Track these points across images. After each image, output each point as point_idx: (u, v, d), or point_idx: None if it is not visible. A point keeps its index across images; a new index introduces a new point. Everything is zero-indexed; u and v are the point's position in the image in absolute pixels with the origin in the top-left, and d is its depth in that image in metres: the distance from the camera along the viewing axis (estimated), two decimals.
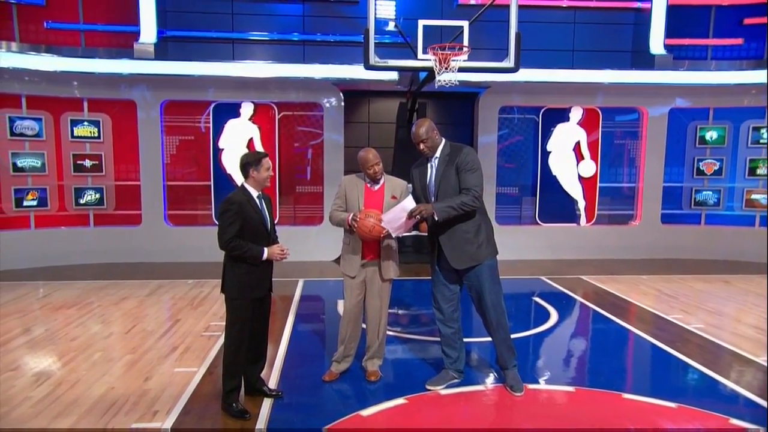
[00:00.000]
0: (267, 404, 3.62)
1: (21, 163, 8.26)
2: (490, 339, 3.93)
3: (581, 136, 9.60)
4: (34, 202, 8.41)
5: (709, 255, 9.49)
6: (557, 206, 9.66)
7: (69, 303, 6.24)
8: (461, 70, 6.12)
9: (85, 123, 8.63)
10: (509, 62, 6.39)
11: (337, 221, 3.86)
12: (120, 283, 7.25)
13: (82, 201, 8.73)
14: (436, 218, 3.54)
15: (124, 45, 8.73)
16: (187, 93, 8.87)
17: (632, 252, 9.56)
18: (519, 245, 9.42)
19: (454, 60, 6.03)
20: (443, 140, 3.75)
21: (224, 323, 3.51)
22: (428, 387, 3.88)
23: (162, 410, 3.51)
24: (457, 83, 6.07)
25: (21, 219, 8.42)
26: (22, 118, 8.21)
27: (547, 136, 9.58)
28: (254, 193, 3.50)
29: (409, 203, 3.59)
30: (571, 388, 3.93)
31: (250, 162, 3.47)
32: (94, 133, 8.69)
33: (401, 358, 4.62)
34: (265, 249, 3.44)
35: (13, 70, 7.88)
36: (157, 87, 8.75)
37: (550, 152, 9.60)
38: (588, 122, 9.60)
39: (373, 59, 6.22)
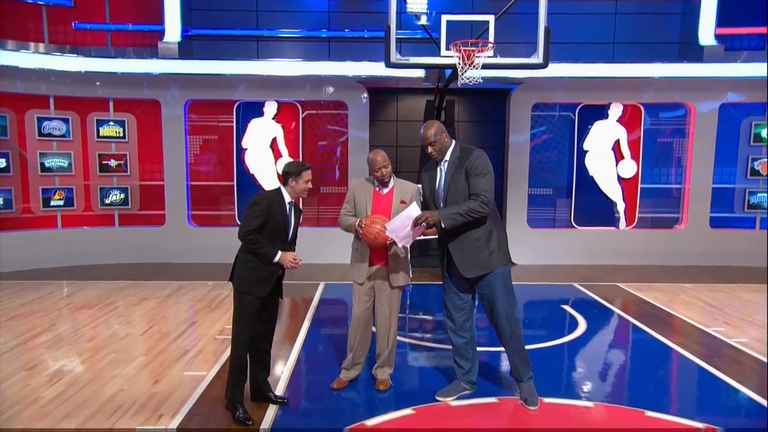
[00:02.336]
0: (272, 410, 3.71)
1: (48, 163, 8.67)
2: (492, 348, 3.90)
3: (621, 134, 9.38)
4: (61, 202, 8.82)
5: (764, 262, 9.11)
6: (594, 208, 9.48)
7: (90, 303, 6.52)
8: (486, 66, 6.10)
9: (111, 123, 8.99)
10: (538, 58, 6.32)
11: (345, 226, 3.93)
12: (141, 284, 7.53)
13: (107, 201, 9.10)
14: (443, 225, 3.53)
15: (149, 44, 9.05)
16: (211, 92, 9.12)
17: (676, 258, 9.28)
18: (552, 249, 9.30)
19: (478, 56, 6.02)
20: (453, 142, 3.75)
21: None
22: (438, 398, 3.89)
23: (167, 414, 3.64)
24: (481, 80, 6.04)
25: (48, 219, 8.84)
26: (50, 119, 8.62)
27: (583, 134, 9.41)
28: (287, 199, 3.64)
29: (414, 210, 3.57)
30: (590, 403, 3.87)
31: (291, 172, 3.62)
32: (119, 133, 9.04)
33: (412, 366, 4.65)
34: (279, 252, 3.56)
35: (41, 71, 8.28)
36: (181, 86, 9.03)
37: (586, 151, 9.43)
38: (629, 119, 9.38)
39: (395, 56, 6.26)
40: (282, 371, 4.44)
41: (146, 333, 5.43)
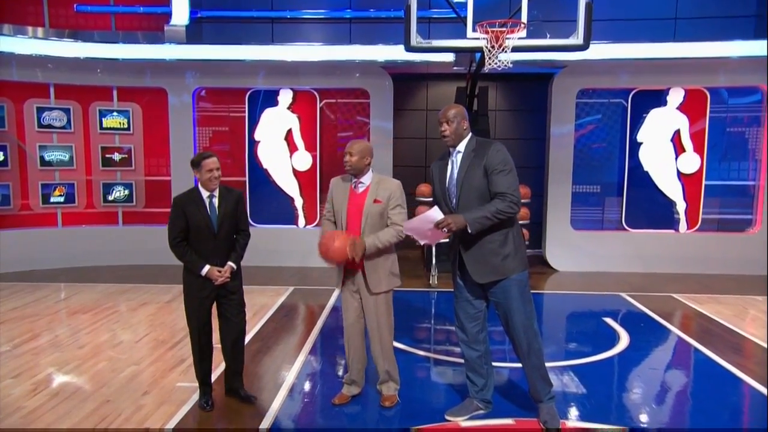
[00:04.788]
0: (267, 422, 3.84)
1: (48, 156, 9.04)
2: (512, 364, 3.89)
3: (682, 123, 9.16)
4: (62, 198, 9.18)
5: None
6: (649, 208, 9.30)
7: (86, 307, 6.78)
8: (517, 49, 6.06)
9: (115, 113, 9.31)
10: (578, 38, 6.24)
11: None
12: (143, 287, 7.78)
13: (110, 197, 9.43)
14: (470, 231, 3.51)
15: (155, 28, 9.32)
16: (222, 79, 9.34)
17: (747, 267, 8.99)
18: (599, 255, 9.17)
19: (508, 38, 5.99)
20: (470, 134, 3.77)
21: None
22: (448, 417, 3.91)
23: (153, 427, 3.79)
24: (511, 65, 6.00)
25: (48, 216, 9.22)
26: (50, 109, 8.98)
27: (637, 124, 9.23)
28: (204, 194, 3.98)
29: (435, 213, 3.54)
30: (617, 427, 3.83)
31: (192, 164, 3.97)
32: (123, 124, 9.35)
33: (419, 380, 4.69)
34: (206, 267, 3.92)
35: (39, 57, 8.62)
36: (190, 73, 9.28)
37: (641, 143, 9.25)
38: (691, 106, 9.14)
39: (415, 39, 6.28)
40: (284, 381, 4.55)
41: (141, 340, 5.61)
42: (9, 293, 7.41)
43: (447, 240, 3.94)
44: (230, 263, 4.02)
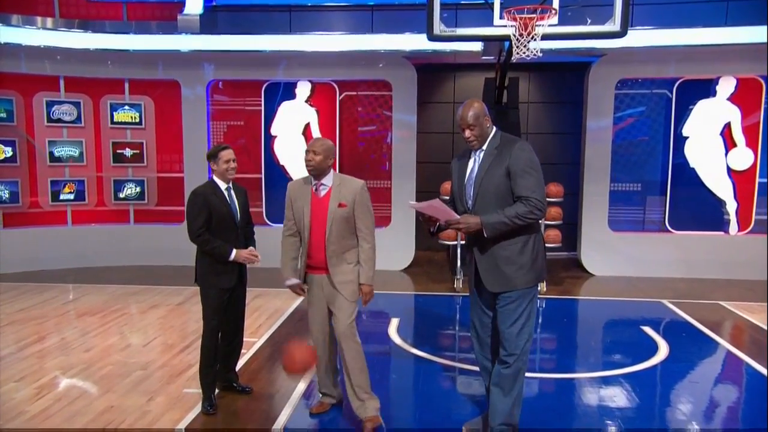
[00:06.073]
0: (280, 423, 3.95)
1: (58, 152, 9.26)
2: (549, 375, 3.87)
3: (733, 115, 8.97)
4: (71, 196, 9.40)
5: None
6: (696, 208, 9.13)
7: (94, 309, 6.94)
8: (547, 37, 6.01)
9: (126, 107, 9.49)
10: (614, 24, 6.17)
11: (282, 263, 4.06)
12: (153, 289, 7.93)
13: (121, 195, 9.62)
14: (486, 235, 3.47)
15: (168, 17, 9.48)
16: (237, 71, 9.46)
17: None
18: (640, 258, 9.06)
19: (538, 25, 5.95)
20: (494, 129, 3.67)
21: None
22: (465, 429, 3.92)
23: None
24: (540, 54, 5.96)
25: (57, 214, 9.44)
26: (60, 102, 9.20)
27: (683, 116, 9.08)
28: (222, 186, 4.23)
29: (446, 207, 3.50)
30: None
31: (209, 156, 4.20)
32: (135, 118, 9.53)
33: (441, 389, 4.68)
34: (234, 250, 4.12)
35: (48, 49, 8.82)
36: (204, 65, 9.42)
37: (686, 138, 9.09)
38: (744, 97, 8.94)
39: (438, 28, 6.28)
40: (296, 385, 4.60)
41: (149, 344, 5.74)
42: (16, 294, 7.62)
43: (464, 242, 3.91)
44: (252, 247, 4.31)
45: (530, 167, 3.49)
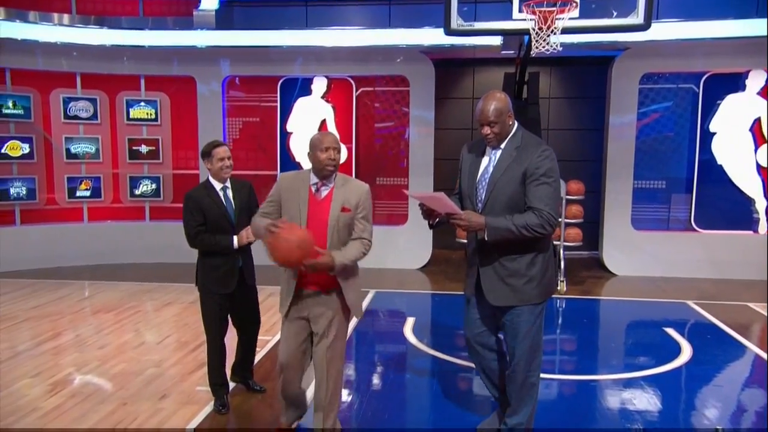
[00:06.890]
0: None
1: (75, 148, 9.40)
2: (569, 377, 3.86)
3: (763, 111, 8.85)
4: (88, 193, 9.54)
5: None
6: (723, 207, 9.03)
7: (110, 306, 7.05)
8: (568, 31, 5.98)
9: (142, 103, 9.61)
10: (637, 17, 6.12)
11: (255, 229, 3.53)
12: (168, 287, 8.03)
13: (137, 192, 9.74)
14: (486, 238, 3.32)
15: (184, 13, 9.57)
16: (253, 67, 9.53)
17: None
18: (664, 258, 8.98)
19: (558, 18, 5.92)
20: (515, 126, 3.48)
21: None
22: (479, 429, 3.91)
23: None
24: (560, 48, 5.93)
25: (74, 211, 9.59)
26: (76, 99, 9.34)
27: (710, 112, 8.97)
28: (217, 186, 4.20)
29: (450, 201, 3.33)
30: None
31: (202, 154, 4.21)
32: (150, 114, 9.64)
33: (457, 390, 4.69)
34: (234, 237, 4.12)
35: (64, 45, 8.96)
36: (219, 61, 9.50)
37: (714, 134, 8.98)
38: None
39: (456, 22, 6.28)
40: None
41: (163, 342, 5.81)
42: (32, 290, 7.77)
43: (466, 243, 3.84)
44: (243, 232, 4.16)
45: (550, 176, 3.32)
